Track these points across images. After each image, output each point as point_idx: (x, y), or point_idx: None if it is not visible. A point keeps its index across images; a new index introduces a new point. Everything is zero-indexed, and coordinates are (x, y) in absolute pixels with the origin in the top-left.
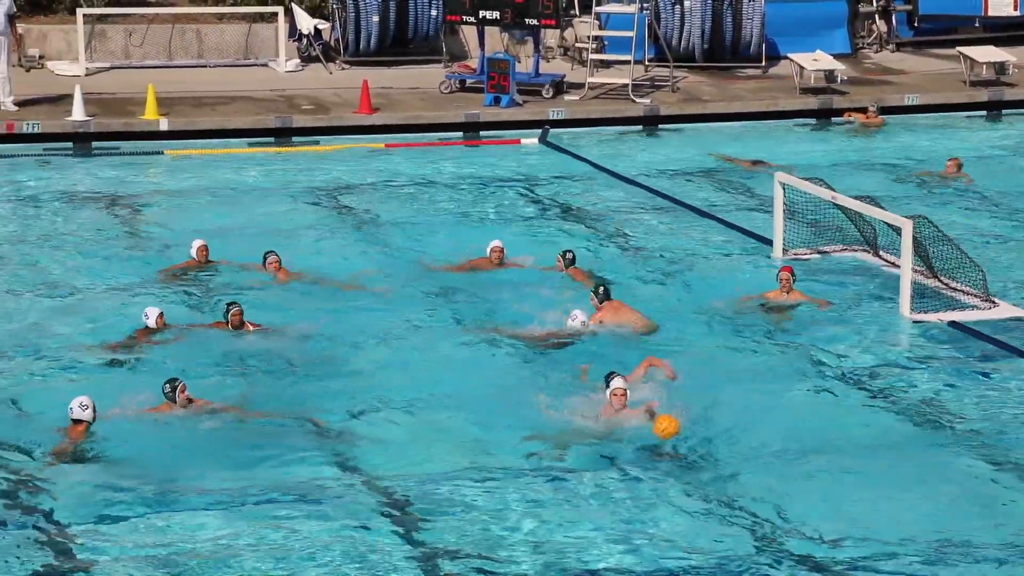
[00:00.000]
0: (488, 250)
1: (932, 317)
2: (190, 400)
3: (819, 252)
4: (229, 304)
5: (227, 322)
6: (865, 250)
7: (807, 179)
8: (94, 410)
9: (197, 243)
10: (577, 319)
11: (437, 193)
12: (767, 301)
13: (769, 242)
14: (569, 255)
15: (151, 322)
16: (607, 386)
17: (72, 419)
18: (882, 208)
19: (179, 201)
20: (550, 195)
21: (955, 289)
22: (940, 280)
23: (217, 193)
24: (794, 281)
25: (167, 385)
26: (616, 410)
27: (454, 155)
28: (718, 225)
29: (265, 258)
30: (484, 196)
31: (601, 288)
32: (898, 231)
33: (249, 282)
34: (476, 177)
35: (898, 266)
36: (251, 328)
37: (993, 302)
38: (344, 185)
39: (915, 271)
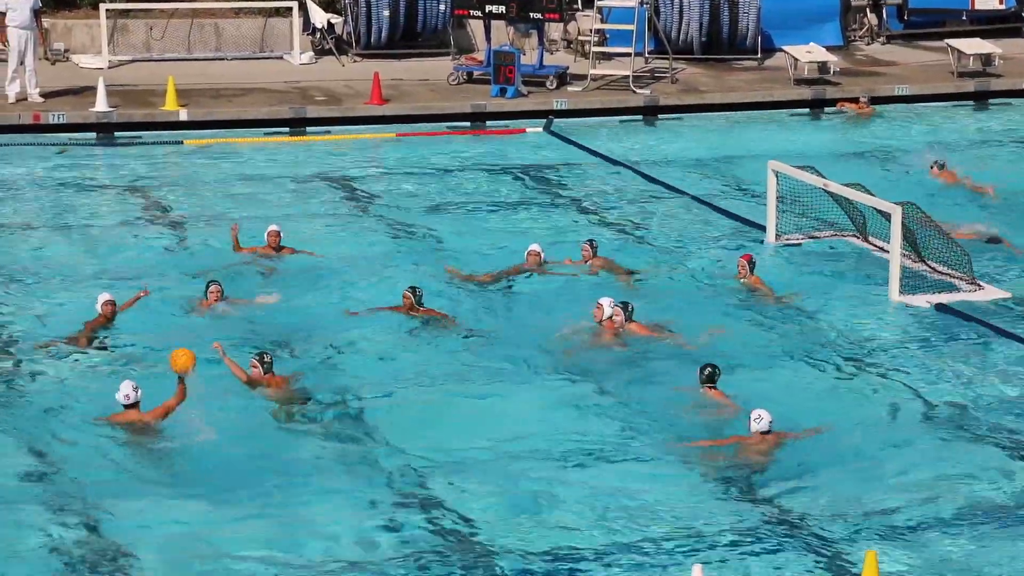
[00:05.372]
0: (525, 254)
1: (920, 299)
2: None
3: (811, 237)
4: (411, 287)
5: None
6: (855, 236)
7: (800, 167)
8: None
9: (212, 288)
10: (604, 308)
11: (445, 181)
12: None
13: (763, 228)
14: (594, 244)
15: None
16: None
17: (124, 405)
18: (872, 195)
19: (198, 188)
20: (554, 182)
21: (942, 273)
22: (927, 264)
23: (234, 181)
24: (751, 268)
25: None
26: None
27: (462, 144)
28: (714, 212)
29: (207, 287)
30: (491, 184)
31: (630, 306)
32: (887, 217)
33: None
34: (483, 166)
35: (887, 251)
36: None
37: (978, 285)
38: (356, 174)
39: (903, 255)
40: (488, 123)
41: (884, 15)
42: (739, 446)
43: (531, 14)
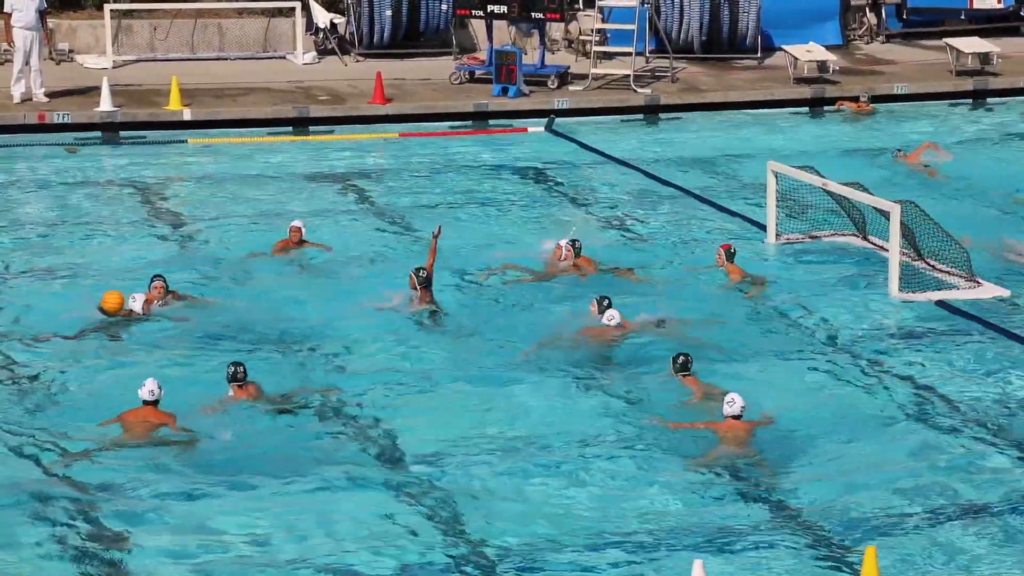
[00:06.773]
0: (556, 247)
1: (919, 297)
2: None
3: (811, 236)
4: (416, 268)
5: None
6: (855, 235)
7: (799, 167)
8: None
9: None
10: (614, 319)
11: (447, 180)
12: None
13: (763, 227)
14: (577, 244)
15: (137, 307)
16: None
17: (144, 400)
18: (870, 194)
19: (202, 187)
20: (556, 181)
21: (941, 270)
22: (926, 262)
23: (238, 180)
24: (726, 257)
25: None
26: None
27: (464, 144)
28: (715, 210)
29: (151, 282)
30: (492, 183)
31: (605, 300)
32: (886, 215)
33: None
34: (485, 165)
35: (886, 249)
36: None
37: (977, 282)
38: (359, 172)
39: (903, 253)
40: (490, 122)
41: (883, 14)
42: (716, 433)
43: (533, 14)
